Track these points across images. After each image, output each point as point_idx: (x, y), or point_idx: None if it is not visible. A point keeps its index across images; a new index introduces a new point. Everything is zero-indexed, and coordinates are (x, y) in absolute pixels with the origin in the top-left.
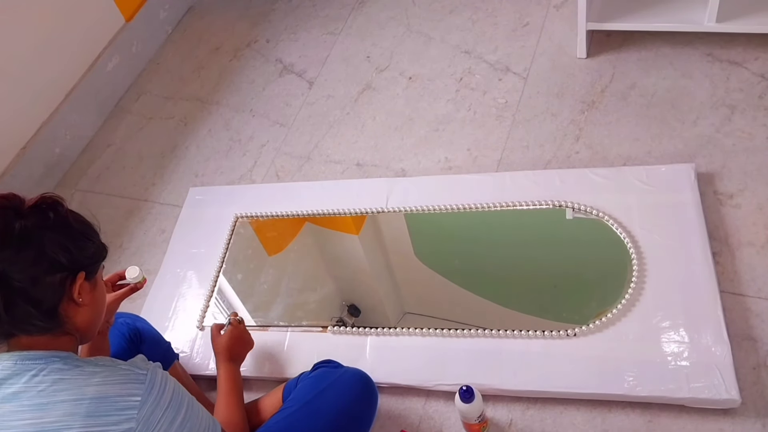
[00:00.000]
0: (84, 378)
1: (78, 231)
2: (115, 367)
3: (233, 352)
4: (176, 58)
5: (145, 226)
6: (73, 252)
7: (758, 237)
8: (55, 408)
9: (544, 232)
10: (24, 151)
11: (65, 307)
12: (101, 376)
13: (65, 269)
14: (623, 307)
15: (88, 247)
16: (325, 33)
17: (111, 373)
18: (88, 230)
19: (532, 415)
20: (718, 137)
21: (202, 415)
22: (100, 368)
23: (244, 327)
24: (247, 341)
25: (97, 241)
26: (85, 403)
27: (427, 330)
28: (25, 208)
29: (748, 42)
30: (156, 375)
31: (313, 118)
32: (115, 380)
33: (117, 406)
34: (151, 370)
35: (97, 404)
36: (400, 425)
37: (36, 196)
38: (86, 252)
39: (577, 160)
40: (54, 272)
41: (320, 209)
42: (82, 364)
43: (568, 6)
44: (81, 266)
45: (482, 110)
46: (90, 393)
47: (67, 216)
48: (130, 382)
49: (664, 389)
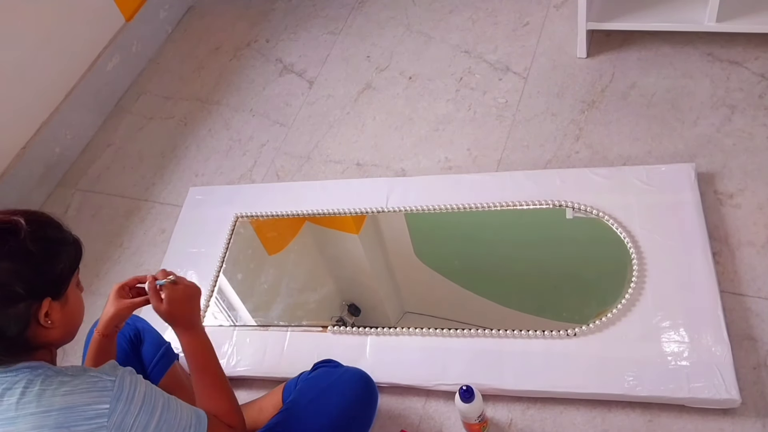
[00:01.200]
0: (52, 389)
1: (39, 255)
2: (84, 376)
3: (180, 315)
4: (176, 58)
5: (145, 226)
6: (31, 281)
7: (758, 237)
8: (24, 421)
9: (544, 232)
10: (24, 151)
11: (33, 331)
12: (68, 386)
13: (25, 299)
14: (623, 307)
15: (52, 270)
16: (325, 33)
17: (79, 382)
18: (53, 249)
19: (532, 415)
20: (719, 137)
21: (181, 415)
22: (68, 377)
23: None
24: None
25: (64, 258)
26: (53, 415)
27: (427, 330)
28: None
29: (748, 42)
30: (124, 381)
31: (313, 117)
32: (82, 389)
33: (85, 415)
34: (119, 377)
35: (66, 415)
36: (400, 425)
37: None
38: (49, 276)
39: (577, 159)
40: (14, 303)
41: (320, 209)
42: (51, 373)
43: (568, 6)
44: (44, 293)
45: (482, 110)
46: (57, 404)
47: (24, 241)
48: (97, 390)
49: (664, 389)
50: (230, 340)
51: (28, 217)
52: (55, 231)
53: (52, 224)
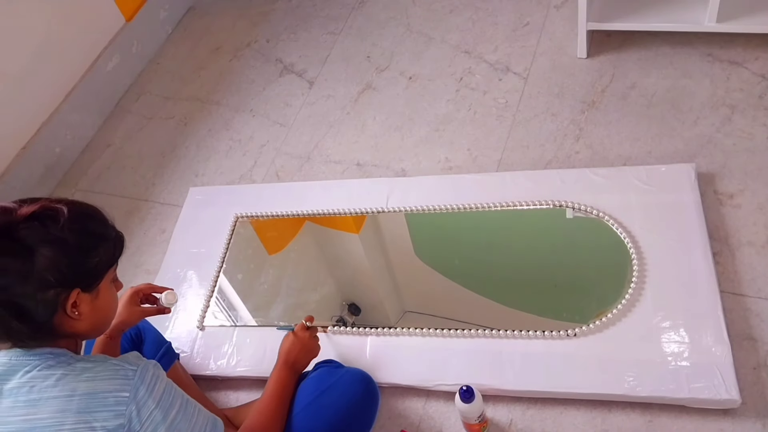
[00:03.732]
0: (75, 374)
1: (75, 246)
2: (106, 363)
3: (290, 358)
4: (176, 58)
5: (145, 226)
6: (64, 271)
7: (758, 237)
8: (46, 404)
9: (544, 232)
10: (24, 151)
11: (60, 319)
12: (91, 372)
13: (56, 286)
14: (623, 307)
15: (86, 263)
16: (325, 33)
17: (101, 369)
18: (90, 242)
19: (532, 415)
20: (719, 137)
21: (196, 419)
22: (91, 364)
23: (309, 334)
24: (310, 349)
25: (101, 253)
26: (75, 400)
27: (428, 330)
28: (20, 219)
29: (748, 42)
30: (146, 371)
31: (313, 118)
32: (104, 376)
33: (106, 402)
34: (141, 367)
35: (88, 400)
36: (400, 425)
37: (35, 205)
38: (82, 267)
39: (577, 160)
40: (44, 289)
41: (320, 209)
42: (73, 360)
43: (568, 6)
44: (74, 283)
45: (482, 110)
46: (81, 389)
47: (62, 229)
48: (119, 378)
49: (664, 389)
50: (230, 340)
51: (73, 207)
52: (97, 225)
53: (96, 218)
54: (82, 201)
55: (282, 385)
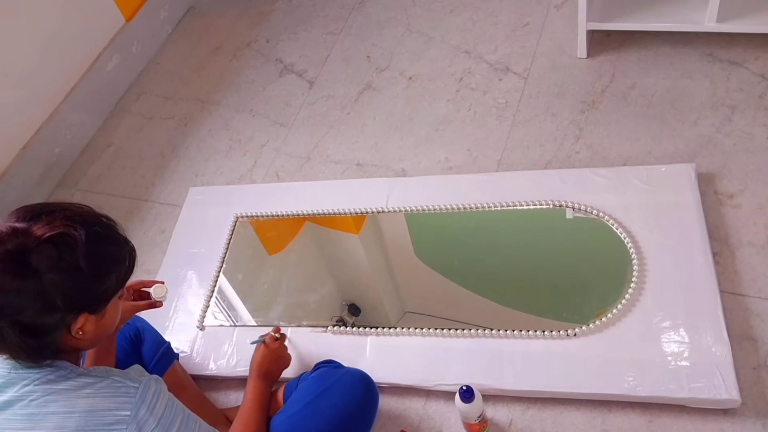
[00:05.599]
0: (75, 390)
1: (88, 273)
2: (107, 379)
3: (263, 369)
4: (176, 58)
5: (145, 226)
6: (72, 296)
7: (758, 237)
8: (45, 420)
9: (544, 232)
10: (24, 151)
11: (63, 338)
12: (92, 388)
13: (63, 310)
14: (623, 307)
15: (97, 289)
16: (325, 33)
17: (103, 385)
18: (104, 268)
19: (532, 415)
20: (719, 137)
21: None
22: (92, 379)
23: (279, 344)
24: (280, 359)
25: (113, 277)
26: (75, 416)
27: (428, 330)
28: (35, 243)
29: (748, 42)
30: (148, 389)
31: (313, 118)
32: (105, 393)
33: (106, 420)
34: (143, 384)
35: (87, 418)
36: (400, 425)
37: (51, 228)
38: (93, 294)
39: (577, 160)
40: (50, 312)
41: (320, 209)
42: (74, 375)
43: (568, 6)
44: (82, 308)
45: (482, 110)
46: (80, 406)
47: (77, 257)
48: (120, 396)
49: (664, 389)
50: (230, 340)
51: (90, 229)
52: (113, 248)
53: (112, 240)
54: (97, 214)
55: (259, 395)
